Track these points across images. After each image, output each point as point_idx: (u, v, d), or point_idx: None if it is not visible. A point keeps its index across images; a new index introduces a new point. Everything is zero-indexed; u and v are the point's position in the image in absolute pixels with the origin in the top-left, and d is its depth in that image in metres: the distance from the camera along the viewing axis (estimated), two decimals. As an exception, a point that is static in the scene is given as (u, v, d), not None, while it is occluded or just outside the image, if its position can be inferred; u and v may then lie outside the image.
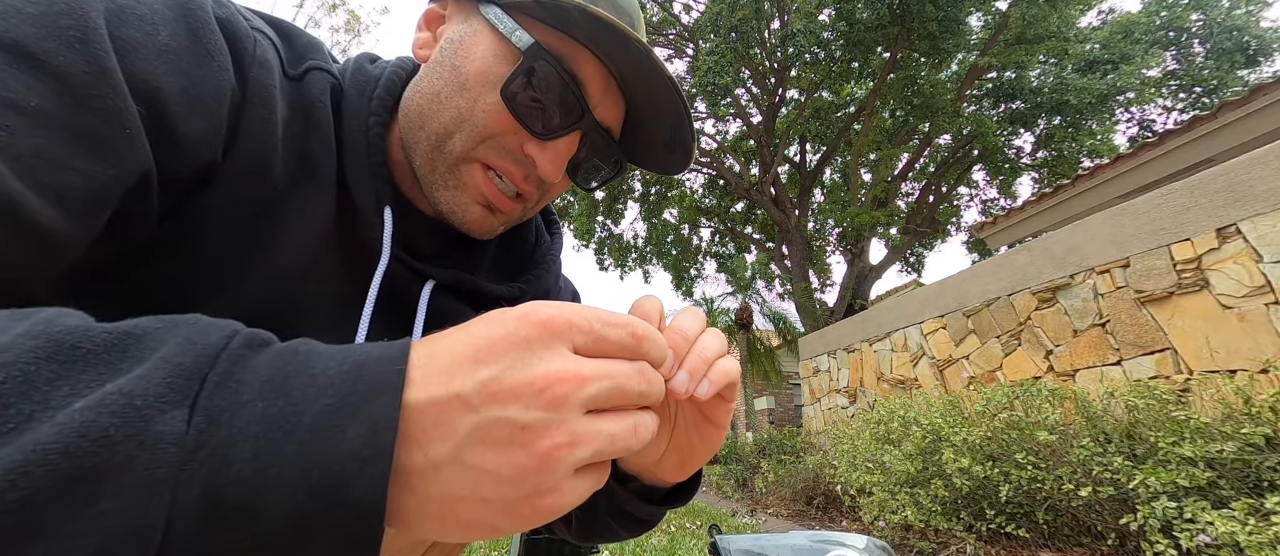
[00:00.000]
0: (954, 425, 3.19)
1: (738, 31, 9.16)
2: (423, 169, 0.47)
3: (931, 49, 9.30)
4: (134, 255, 0.37)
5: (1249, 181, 2.80)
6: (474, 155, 0.46)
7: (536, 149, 0.46)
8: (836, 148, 12.20)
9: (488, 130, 0.45)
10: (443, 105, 0.46)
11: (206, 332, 0.23)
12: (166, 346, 0.21)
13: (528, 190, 0.48)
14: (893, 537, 3.34)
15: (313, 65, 0.46)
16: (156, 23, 0.34)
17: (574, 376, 0.24)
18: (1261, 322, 2.69)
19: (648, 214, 13.81)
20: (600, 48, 0.44)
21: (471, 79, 0.45)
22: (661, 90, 0.46)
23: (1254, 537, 1.78)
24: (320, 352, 0.24)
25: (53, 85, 0.28)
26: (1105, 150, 10.50)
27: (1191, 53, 11.48)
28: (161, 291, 0.39)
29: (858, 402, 5.94)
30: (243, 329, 0.24)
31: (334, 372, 0.22)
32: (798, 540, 1.02)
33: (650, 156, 0.54)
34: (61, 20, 0.29)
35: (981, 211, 12.84)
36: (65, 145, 0.28)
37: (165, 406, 0.19)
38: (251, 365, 0.22)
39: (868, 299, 11.41)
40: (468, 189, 0.47)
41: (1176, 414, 2.34)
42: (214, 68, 0.36)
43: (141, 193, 0.33)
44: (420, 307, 0.50)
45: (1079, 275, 3.64)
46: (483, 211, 0.48)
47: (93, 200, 0.30)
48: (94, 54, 0.30)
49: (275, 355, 0.23)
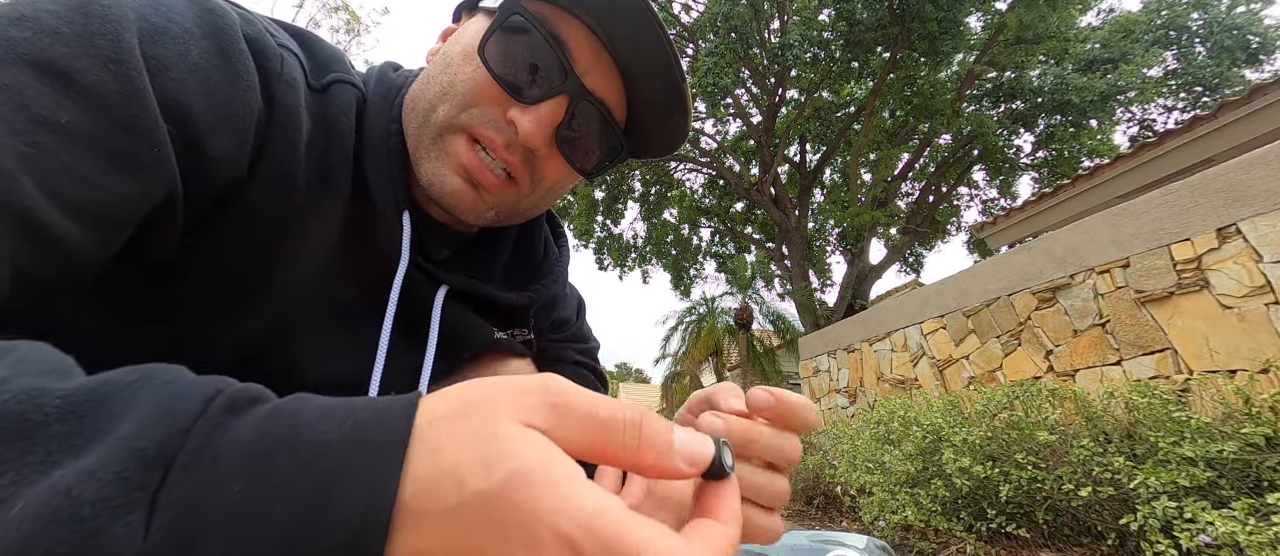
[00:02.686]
0: (954, 425, 3.19)
1: (737, 32, 9.17)
2: (412, 148, 0.48)
3: (930, 49, 9.30)
4: (159, 267, 0.38)
5: (1249, 181, 2.79)
6: (457, 123, 0.46)
7: (518, 112, 0.45)
8: (836, 148, 12.20)
9: (469, 97, 0.45)
10: (431, 84, 0.47)
11: (182, 396, 0.20)
12: (129, 419, 0.18)
13: (513, 162, 0.47)
14: (893, 537, 3.34)
15: (337, 78, 0.46)
16: (188, 43, 0.35)
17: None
18: (1261, 322, 2.69)
19: (647, 214, 13.80)
20: (585, 9, 0.44)
21: (456, 55, 0.47)
22: (650, 44, 0.45)
23: (1254, 537, 1.78)
24: (310, 412, 0.21)
25: (84, 103, 0.29)
26: (1105, 150, 10.49)
27: (1192, 52, 11.48)
28: (186, 303, 0.41)
29: (858, 402, 5.94)
30: (227, 387, 0.21)
31: (327, 435, 0.20)
32: (798, 540, 1.02)
33: (653, 134, 0.52)
34: (97, 40, 0.30)
35: (981, 211, 12.84)
36: (93, 162, 0.29)
37: (118, 512, 0.16)
38: (232, 434, 0.19)
39: (868, 299, 11.41)
40: (448, 159, 0.46)
41: (1177, 414, 2.34)
42: (242, 87, 0.37)
43: (166, 210, 0.34)
44: (434, 313, 0.51)
45: (1079, 275, 3.63)
46: (463, 184, 0.46)
47: (116, 217, 0.31)
48: (127, 74, 0.30)
49: (261, 419, 0.20)
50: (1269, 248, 2.68)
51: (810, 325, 10.44)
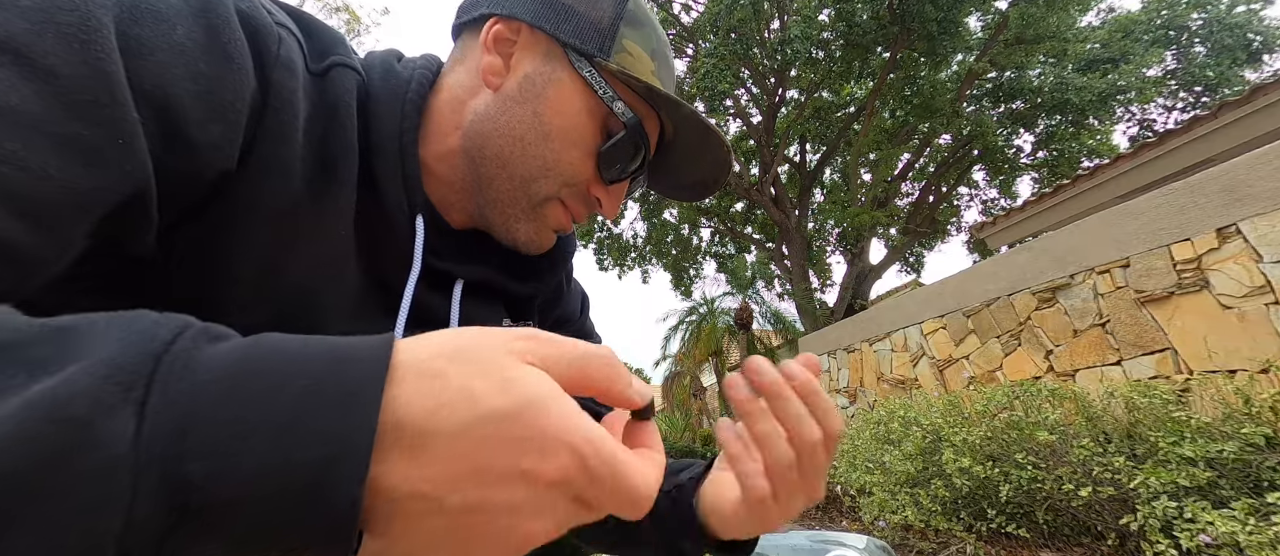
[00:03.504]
0: (954, 425, 3.19)
1: (737, 32, 9.17)
2: (500, 202, 0.50)
3: (930, 50, 9.30)
4: (142, 264, 0.35)
5: (1249, 181, 2.79)
6: (556, 196, 0.51)
7: (602, 191, 0.52)
8: (836, 148, 12.19)
9: (572, 180, 0.50)
10: (527, 151, 0.48)
11: (158, 323, 0.20)
12: (106, 343, 0.19)
13: (582, 216, 0.54)
14: (893, 537, 3.34)
15: (338, 61, 0.44)
16: (173, 20, 0.31)
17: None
18: (1261, 322, 2.69)
19: (647, 214, 13.80)
20: (665, 112, 0.51)
21: (557, 132, 0.48)
22: (712, 145, 0.53)
23: (1254, 537, 1.78)
24: (289, 340, 0.22)
25: (38, 85, 0.25)
26: (1105, 150, 10.49)
27: (1192, 51, 11.48)
28: (177, 299, 0.38)
29: (858, 402, 5.94)
30: (197, 323, 0.21)
31: (310, 356, 0.21)
32: (798, 540, 1.02)
33: (679, 187, 0.60)
34: (59, 16, 0.26)
35: (981, 211, 12.83)
36: (43, 151, 0.25)
37: (110, 411, 0.17)
38: (209, 354, 0.20)
39: (868, 299, 11.41)
40: (547, 221, 0.52)
41: (1176, 414, 2.34)
42: (232, 70, 0.34)
43: (136, 204, 0.31)
44: (454, 308, 0.51)
45: (1079, 275, 3.63)
46: (552, 236, 0.54)
47: (69, 213, 0.27)
48: (93, 54, 0.27)
49: (238, 345, 0.21)
50: (1269, 247, 2.68)
51: (810, 325, 10.44)
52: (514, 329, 0.25)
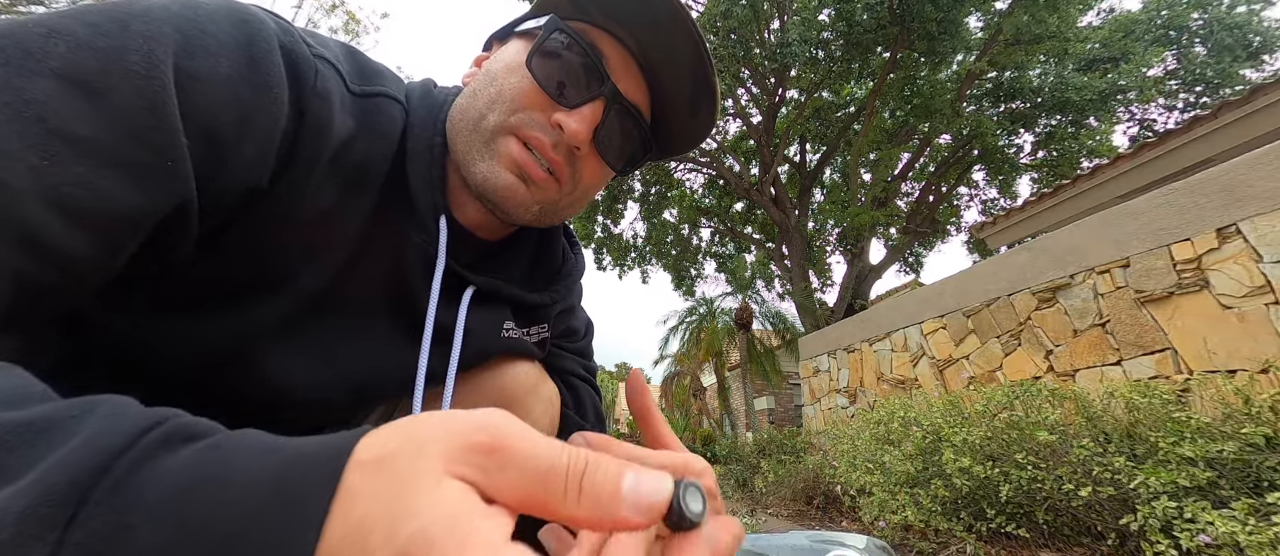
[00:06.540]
0: (954, 425, 3.19)
1: (736, 33, 9.16)
2: (462, 152, 0.51)
3: (930, 50, 9.30)
4: (183, 267, 0.40)
5: (1249, 181, 2.79)
6: (507, 126, 0.50)
7: (564, 116, 0.50)
8: (836, 148, 12.19)
9: (517, 102, 0.50)
10: (478, 96, 0.51)
11: (113, 431, 0.19)
12: (59, 452, 0.18)
13: (558, 161, 0.51)
14: (893, 537, 3.33)
15: (383, 92, 0.50)
16: (220, 54, 0.36)
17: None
18: (1261, 322, 2.69)
19: (647, 214, 13.79)
20: (617, 20, 0.50)
21: (500, 69, 0.52)
22: (680, 45, 0.50)
23: (1254, 537, 1.78)
24: (249, 450, 0.20)
25: (106, 117, 0.30)
26: (1105, 150, 10.48)
27: (1192, 51, 11.47)
28: (213, 298, 0.43)
29: (858, 402, 5.94)
30: (172, 418, 0.21)
31: (254, 479, 0.19)
32: (798, 540, 1.02)
33: (678, 133, 0.58)
34: (129, 56, 0.31)
35: (981, 211, 12.83)
36: (105, 175, 0.30)
37: (28, 544, 0.16)
38: (161, 469, 0.19)
39: (868, 299, 11.40)
40: (501, 158, 0.50)
41: (1176, 414, 2.34)
42: (268, 98, 0.38)
43: (179, 218, 0.35)
44: (461, 311, 0.54)
45: (1079, 275, 3.63)
46: (515, 179, 0.50)
47: (124, 227, 0.32)
48: (152, 89, 0.32)
49: (195, 454, 0.20)
50: (1269, 247, 2.68)
51: (810, 325, 10.43)
52: (474, 416, 0.21)
